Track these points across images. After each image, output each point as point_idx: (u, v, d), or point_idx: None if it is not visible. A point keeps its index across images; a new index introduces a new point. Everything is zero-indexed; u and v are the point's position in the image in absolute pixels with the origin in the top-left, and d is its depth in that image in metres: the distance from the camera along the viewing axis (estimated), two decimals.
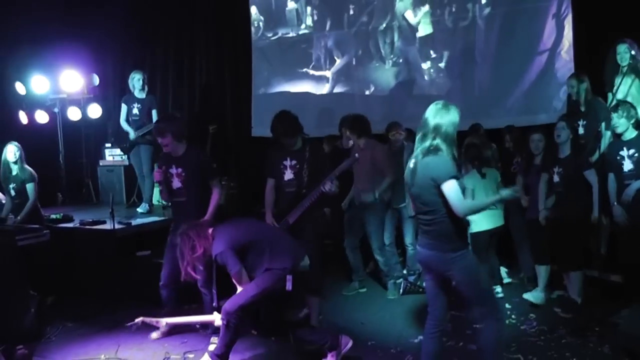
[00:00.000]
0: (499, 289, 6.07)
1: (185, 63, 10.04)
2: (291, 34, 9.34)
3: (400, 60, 8.53)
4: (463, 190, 3.70)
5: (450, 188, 3.60)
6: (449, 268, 3.74)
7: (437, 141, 3.69)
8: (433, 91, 8.16)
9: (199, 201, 5.14)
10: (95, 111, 9.50)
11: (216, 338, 4.67)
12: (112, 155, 9.46)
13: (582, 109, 6.16)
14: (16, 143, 6.76)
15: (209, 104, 9.88)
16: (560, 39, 7.34)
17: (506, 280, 6.51)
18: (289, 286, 4.27)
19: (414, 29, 8.38)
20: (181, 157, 5.17)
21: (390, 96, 8.62)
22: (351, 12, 8.82)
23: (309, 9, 9.14)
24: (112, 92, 10.33)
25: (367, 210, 6.20)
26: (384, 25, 8.59)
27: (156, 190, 8.24)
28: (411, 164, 3.83)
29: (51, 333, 5.48)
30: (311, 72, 9.21)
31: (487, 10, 7.83)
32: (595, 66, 6.42)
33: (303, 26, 9.21)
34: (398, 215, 6.58)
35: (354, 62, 8.94)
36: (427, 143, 3.72)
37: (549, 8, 7.42)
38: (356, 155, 5.61)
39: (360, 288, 6.54)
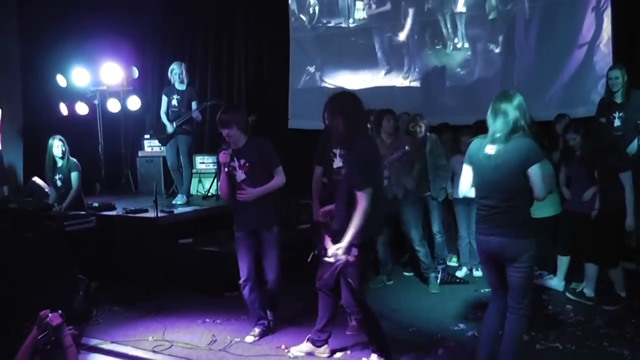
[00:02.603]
0: (553, 278, 6.16)
1: (224, 54, 10.11)
2: (342, 24, 9.34)
3: (442, 52, 8.56)
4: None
5: (537, 171, 3.68)
6: (520, 254, 3.76)
7: (521, 125, 3.73)
8: (472, 83, 8.19)
9: (262, 196, 4.85)
10: (134, 103, 9.67)
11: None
12: (151, 146, 9.63)
13: (619, 100, 6.17)
14: (60, 137, 7.01)
15: (248, 94, 9.97)
16: (599, 32, 7.30)
17: None
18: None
19: (454, 21, 8.42)
20: (243, 148, 4.87)
21: (426, 88, 8.66)
22: (395, 6, 8.89)
23: (359, 2, 9.17)
24: (151, 84, 10.52)
25: (403, 202, 6.23)
26: (427, 18, 8.66)
27: (194, 184, 8.36)
28: (490, 150, 3.81)
29: (99, 316, 5.64)
30: (353, 64, 9.25)
31: (527, 4, 7.81)
32: (633, 59, 6.40)
33: (351, 19, 9.24)
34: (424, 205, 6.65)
35: (393, 55, 8.98)
36: (509, 128, 3.73)
37: (588, 1, 7.39)
38: (406, 147, 5.74)
39: (387, 281, 6.57)
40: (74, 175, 6.96)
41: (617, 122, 6.22)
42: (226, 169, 4.84)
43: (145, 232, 6.80)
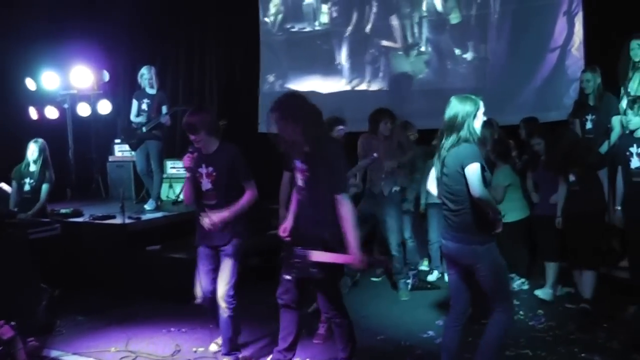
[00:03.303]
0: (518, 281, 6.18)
1: (195, 57, 10.05)
2: (306, 29, 9.31)
3: (409, 56, 8.53)
4: (488, 182, 3.81)
5: (473, 171, 3.66)
6: (476, 261, 3.76)
7: (464, 132, 3.75)
8: (443, 87, 8.12)
9: (230, 206, 4.44)
10: (105, 107, 9.55)
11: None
12: (122, 151, 9.49)
13: (592, 103, 6.16)
14: (41, 142, 7.00)
15: (220, 98, 9.88)
16: (571, 36, 7.31)
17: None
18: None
19: (422, 25, 8.40)
20: (212, 155, 4.50)
21: (398, 92, 8.60)
22: (360, 10, 8.86)
23: (324, 6, 9.15)
24: (122, 88, 10.36)
25: (388, 202, 6.13)
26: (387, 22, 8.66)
27: (165, 189, 8.27)
28: (440, 154, 3.87)
29: (62, 326, 5.49)
30: (320, 69, 9.20)
31: (498, 8, 7.80)
32: (605, 63, 6.38)
33: (317, 22, 9.21)
34: None
35: (360, 59, 8.95)
36: (455, 135, 3.78)
37: (560, 5, 7.38)
38: (374, 155, 5.67)
39: (351, 285, 6.44)
40: (44, 188, 6.96)
41: (588, 125, 6.22)
42: (189, 174, 4.53)
43: (113, 239, 6.68)
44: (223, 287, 4.46)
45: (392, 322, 5.45)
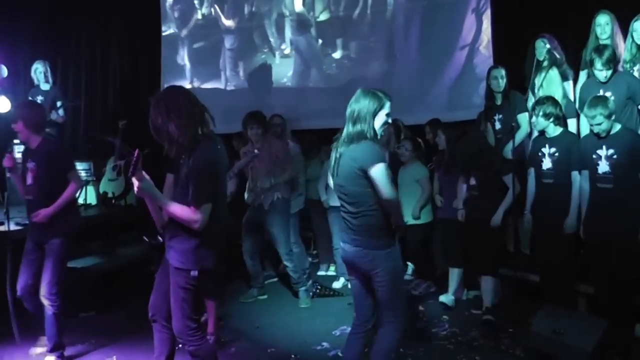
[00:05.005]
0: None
1: (98, 54, 9.62)
2: (193, 27, 9.19)
3: (295, 52, 8.48)
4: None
5: (380, 172, 3.37)
6: (375, 266, 3.49)
7: (362, 128, 3.46)
8: (349, 86, 7.86)
9: (48, 202, 4.52)
10: (3, 104, 8.87)
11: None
12: (21, 152, 8.87)
13: (498, 102, 6.01)
14: None
15: (122, 96, 9.48)
16: (479, 34, 7.21)
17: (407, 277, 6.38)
18: None
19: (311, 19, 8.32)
20: (34, 150, 4.62)
21: (293, 89, 8.48)
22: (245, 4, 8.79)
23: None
24: (23, 84, 9.70)
25: (269, 212, 5.83)
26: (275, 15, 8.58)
27: None
28: (335, 153, 3.59)
29: None
30: (211, 67, 9.10)
31: (406, 4, 7.66)
32: (513, 62, 6.27)
33: (202, 20, 9.11)
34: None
35: (247, 56, 8.84)
36: (353, 129, 3.49)
37: (468, 3, 7.29)
38: (255, 151, 5.36)
39: (259, 295, 6.14)
40: None
41: (497, 125, 6.05)
42: (8, 175, 4.77)
43: None
44: (44, 285, 4.49)
45: (287, 333, 5.15)
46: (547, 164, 4.94)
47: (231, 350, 4.78)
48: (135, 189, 3.26)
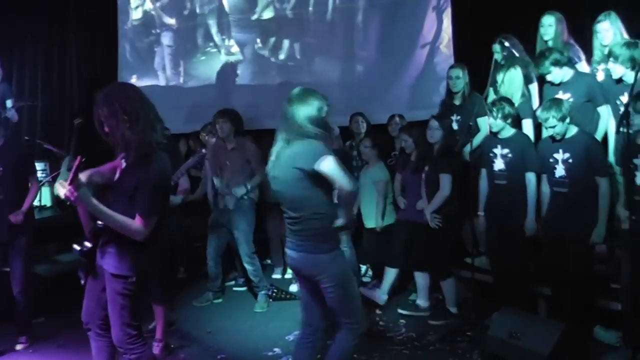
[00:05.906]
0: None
1: (54, 52, 9.32)
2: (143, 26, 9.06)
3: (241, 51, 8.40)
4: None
5: (330, 164, 3.18)
6: (320, 272, 3.34)
7: (300, 127, 3.30)
8: (301, 84, 7.70)
9: (14, 203, 4.77)
10: None
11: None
12: None
13: (457, 102, 5.91)
14: None
15: (80, 94, 9.25)
16: (440, 32, 7.11)
17: (366, 279, 6.35)
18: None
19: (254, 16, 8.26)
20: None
21: (244, 87, 8.36)
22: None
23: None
24: None
25: (235, 211, 5.73)
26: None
27: None
28: (273, 156, 3.42)
29: None
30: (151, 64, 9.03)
31: (365, 2, 7.54)
32: (474, 62, 6.16)
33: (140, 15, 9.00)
34: None
35: (192, 54, 8.74)
36: (290, 130, 3.34)
37: (428, 1, 7.19)
38: (203, 151, 5.34)
39: (215, 299, 6.00)
40: None
41: (455, 126, 5.95)
42: None
43: None
44: (16, 286, 4.76)
45: (239, 339, 5.00)
46: (499, 164, 4.88)
47: (180, 357, 4.63)
48: (72, 196, 3.00)
